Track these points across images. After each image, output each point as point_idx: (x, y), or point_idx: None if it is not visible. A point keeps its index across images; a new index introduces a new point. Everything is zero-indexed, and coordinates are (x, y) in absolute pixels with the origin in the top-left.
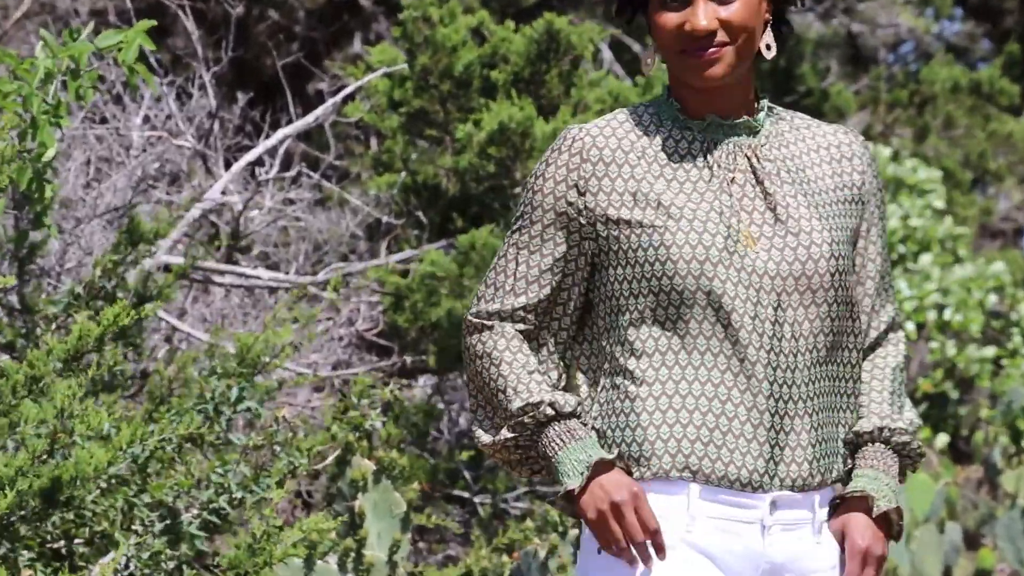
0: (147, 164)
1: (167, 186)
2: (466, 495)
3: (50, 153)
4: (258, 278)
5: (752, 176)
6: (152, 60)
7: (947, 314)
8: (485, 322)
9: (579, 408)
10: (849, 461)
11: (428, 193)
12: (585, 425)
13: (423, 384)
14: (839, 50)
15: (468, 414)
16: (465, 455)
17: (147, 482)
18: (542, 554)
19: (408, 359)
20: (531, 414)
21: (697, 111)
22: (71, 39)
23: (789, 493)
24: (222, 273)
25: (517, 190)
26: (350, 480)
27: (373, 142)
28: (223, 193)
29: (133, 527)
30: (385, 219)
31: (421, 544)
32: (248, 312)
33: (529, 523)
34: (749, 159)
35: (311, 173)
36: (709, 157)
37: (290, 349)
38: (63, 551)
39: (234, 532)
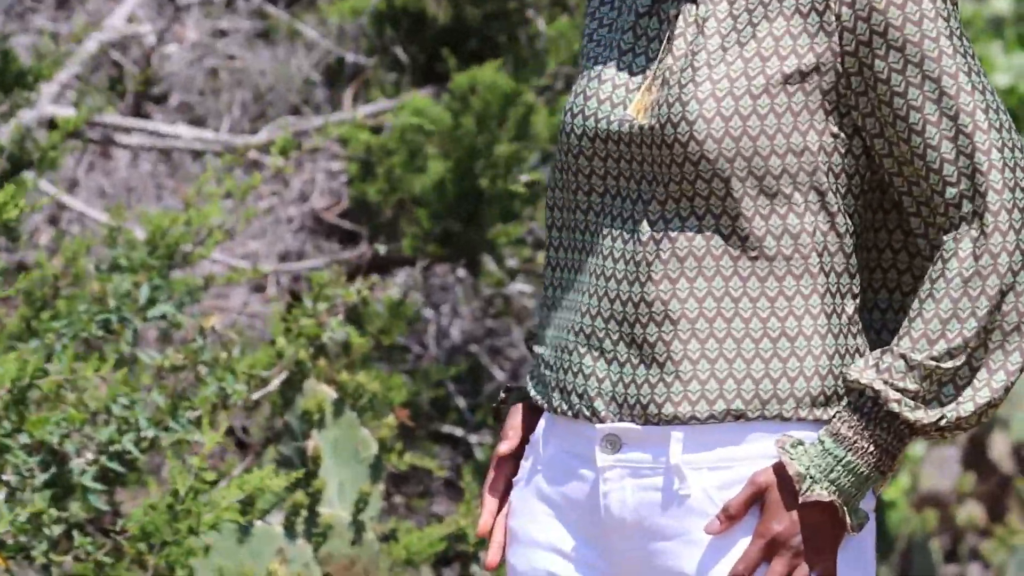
0: None
1: (53, 11)
2: (459, 432)
3: None
4: (177, 137)
5: (685, 23)
6: None
7: None
8: None
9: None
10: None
11: (409, 22)
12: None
13: (402, 281)
14: None
15: (460, 320)
16: (455, 371)
17: (24, 417)
18: None
19: (381, 247)
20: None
21: None
22: None
23: (631, 426)
24: (128, 130)
25: (530, 13)
26: (301, 412)
27: None
28: (129, 21)
29: (4, 477)
30: (351, 58)
31: (397, 498)
32: (163, 184)
33: None
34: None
35: None
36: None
37: (220, 234)
38: None
39: (143, 483)
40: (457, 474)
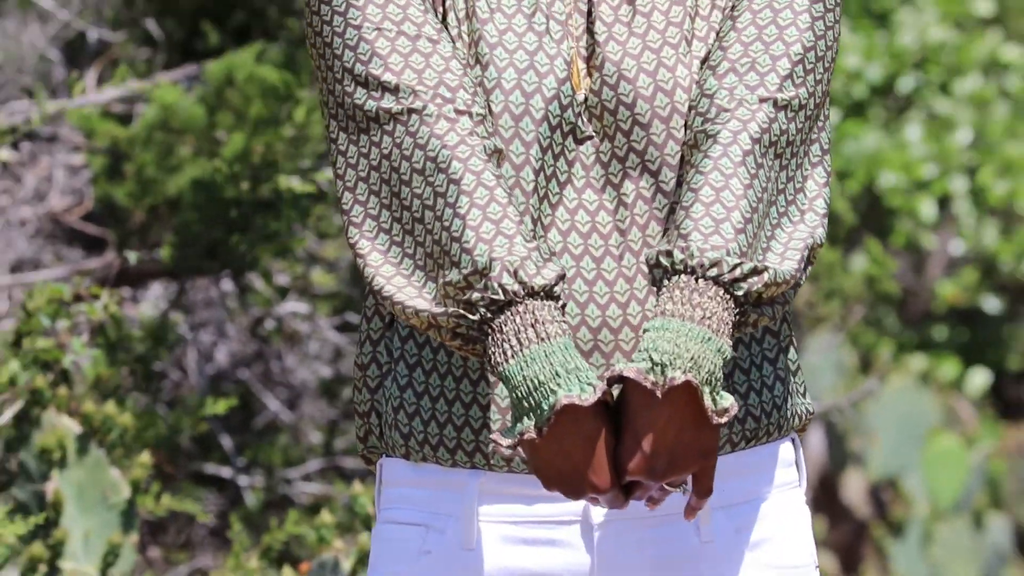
0: None
1: None
2: (225, 473)
3: None
4: None
5: None
6: None
7: (983, 179)
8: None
9: (564, 277)
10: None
11: None
12: (562, 309)
13: (158, 296)
14: None
15: (227, 341)
16: (223, 407)
17: None
18: (346, 565)
19: (132, 255)
20: (477, 286)
21: None
22: None
23: None
24: None
25: None
26: (39, 449)
27: None
28: None
29: None
30: (94, 33)
31: (154, 550)
32: None
33: (326, 516)
34: None
35: None
36: None
37: None
38: None
39: None
40: (223, 522)
